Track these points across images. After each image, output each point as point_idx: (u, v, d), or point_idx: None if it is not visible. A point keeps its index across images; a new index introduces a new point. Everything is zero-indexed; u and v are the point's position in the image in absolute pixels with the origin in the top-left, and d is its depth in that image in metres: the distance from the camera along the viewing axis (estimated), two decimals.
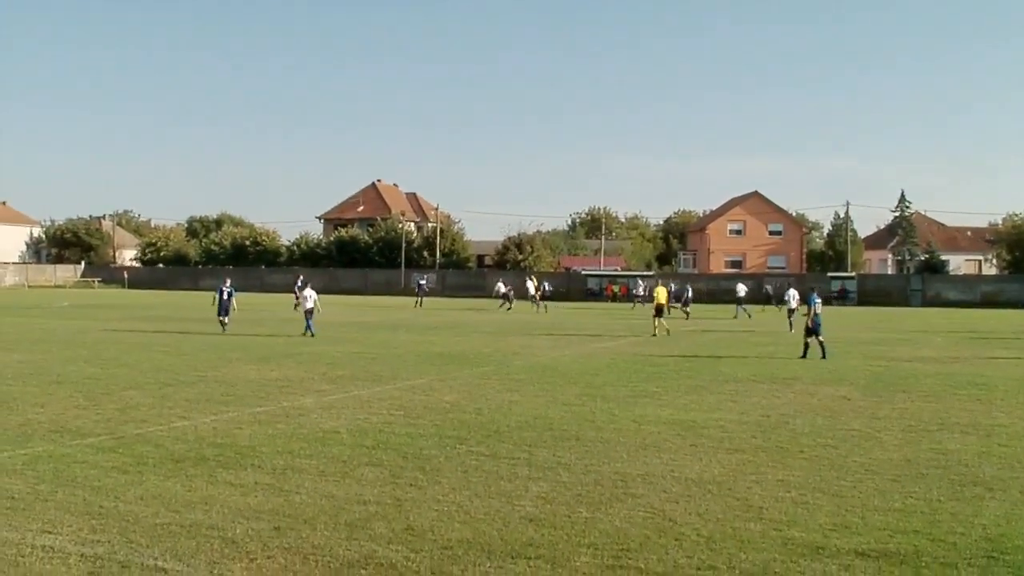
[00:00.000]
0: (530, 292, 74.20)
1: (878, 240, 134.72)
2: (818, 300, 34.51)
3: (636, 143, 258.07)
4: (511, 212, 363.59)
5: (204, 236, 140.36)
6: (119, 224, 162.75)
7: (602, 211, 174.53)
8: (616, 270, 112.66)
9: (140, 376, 25.16)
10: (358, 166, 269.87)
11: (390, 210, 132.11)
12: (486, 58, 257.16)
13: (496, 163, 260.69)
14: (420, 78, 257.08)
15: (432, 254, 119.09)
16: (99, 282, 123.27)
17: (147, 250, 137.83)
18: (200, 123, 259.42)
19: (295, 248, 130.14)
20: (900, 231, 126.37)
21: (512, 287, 75.81)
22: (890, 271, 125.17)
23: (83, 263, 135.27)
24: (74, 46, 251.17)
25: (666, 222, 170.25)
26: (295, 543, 10.14)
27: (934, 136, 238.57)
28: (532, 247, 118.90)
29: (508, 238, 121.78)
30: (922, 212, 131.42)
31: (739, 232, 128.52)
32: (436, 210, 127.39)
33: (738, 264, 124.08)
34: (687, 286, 68.29)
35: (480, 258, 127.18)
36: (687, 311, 61.96)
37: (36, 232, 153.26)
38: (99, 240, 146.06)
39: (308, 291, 42.89)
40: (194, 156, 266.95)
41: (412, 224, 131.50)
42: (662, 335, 43.69)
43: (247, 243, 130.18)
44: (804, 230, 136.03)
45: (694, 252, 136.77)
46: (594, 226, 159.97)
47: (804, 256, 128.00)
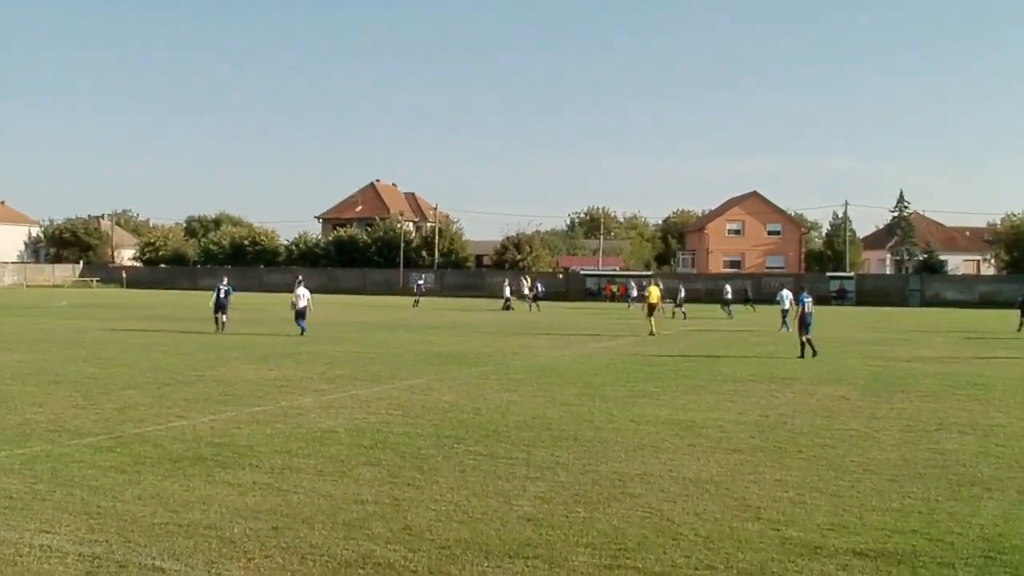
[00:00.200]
0: (523, 291, 74.22)
1: (877, 240, 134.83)
2: (808, 299, 34.57)
3: (635, 143, 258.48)
4: (510, 212, 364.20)
5: (203, 236, 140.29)
6: (118, 224, 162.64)
7: (601, 211, 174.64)
8: (615, 270, 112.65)
9: (139, 376, 25.16)
10: (357, 166, 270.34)
11: (389, 210, 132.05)
12: (485, 58, 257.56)
13: (495, 163, 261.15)
14: (419, 78, 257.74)
15: (431, 254, 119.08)
16: (97, 282, 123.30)
17: (146, 250, 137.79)
18: (199, 123, 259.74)
19: (294, 248, 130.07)
20: (899, 231, 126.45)
21: (516, 287, 75.85)
22: (888, 271, 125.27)
23: (81, 263, 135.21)
24: (73, 46, 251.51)
25: (665, 222, 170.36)
26: (293, 543, 10.14)
27: (933, 136, 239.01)
28: (531, 247, 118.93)
29: (507, 238, 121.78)
30: (921, 212, 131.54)
31: (738, 232, 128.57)
32: (435, 210, 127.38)
33: (737, 264, 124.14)
34: (680, 286, 68.31)
35: (479, 258, 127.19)
36: (683, 311, 62.02)
37: (35, 232, 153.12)
38: (98, 240, 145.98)
39: (301, 289, 42.92)
40: (193, 155, 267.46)
41: (411, 224, 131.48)
42: (650, 334, 43.72)
43: (246, 243, 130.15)
44: (803, 230, 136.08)
45: (693, 252, 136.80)
46: (593, 226, 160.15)
47: (803, 256, 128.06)
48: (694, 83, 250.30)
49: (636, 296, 76.41)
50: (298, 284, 45.06)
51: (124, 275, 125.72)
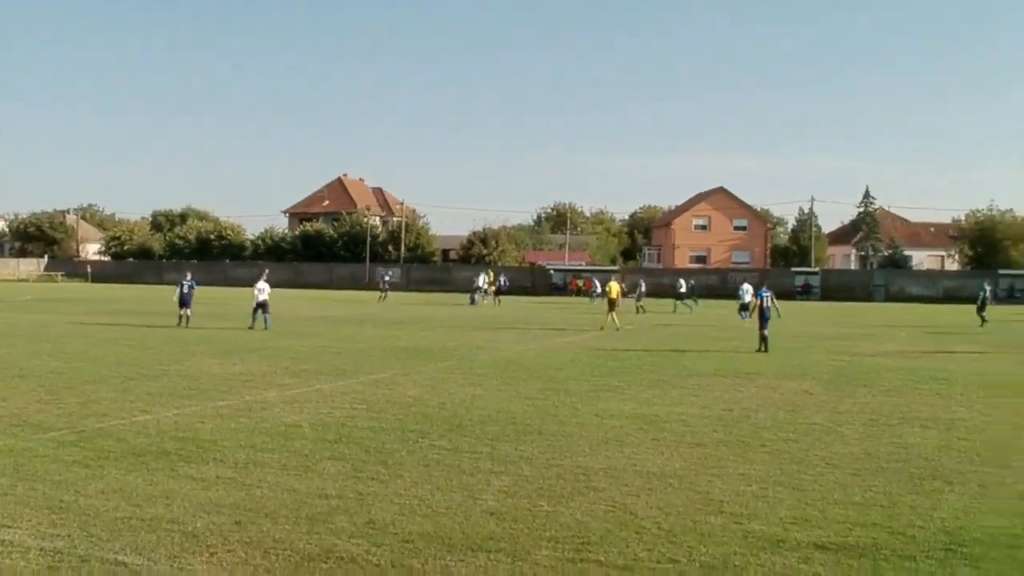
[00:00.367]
0: (480, 285, 74.09)
1: (842, 236, 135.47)
2: (768, 294, 34.78)
3: (602, 139, 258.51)
4: (477, 207, 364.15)
5: (168, 230, 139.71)
6: (83, 218, 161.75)
7: (567, 206, 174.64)
8: (581, 265, 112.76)
9: (103, 370, 25.01)
10: (324, 160, 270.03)
11: (355, 204, 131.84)
12: (453, 55, 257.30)
13: (462, 158, 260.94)
14: (387, 73, 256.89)
15: (397, 248, 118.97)
16: (62, 276, 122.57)
17: (111, 244, 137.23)
18: (165, 117, 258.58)
19: (260, 242, 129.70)
20: (864, 227, 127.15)
21: (491, 282, 75.80)
22: (853, 266, 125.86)
23: (47, 257, 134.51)
24: (39, 42, 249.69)
25: (631, 217, 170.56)
26: (256, 537, 10.12)
27: (899, 133, 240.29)
28: (497, 242, 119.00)
29: (473, 233, 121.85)
30: (886, 208, 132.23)
31: (704, 227, 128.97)
32: (402, 205, 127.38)
33: (703, 259, 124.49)
34: (640, 281, 68.53)
35: (445, 252, 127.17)
36: (641, 305, 62.17)
37: None
38: (63, 234, 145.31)
39: (261, 283, 42.88)
40: (159, 150, 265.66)
41: (377, 218, 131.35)
42: (611, 330, 43.81)
43: (212, 237, 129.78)
44: (768, 225, 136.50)
45: (659, 247, 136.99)
46: (559, 221, 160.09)
47: (768, 251, 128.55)
48: (660, 81, 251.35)
49: (602, 292, 76.57)
50: (263, 278, 44.94)
51: (89, 269, 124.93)
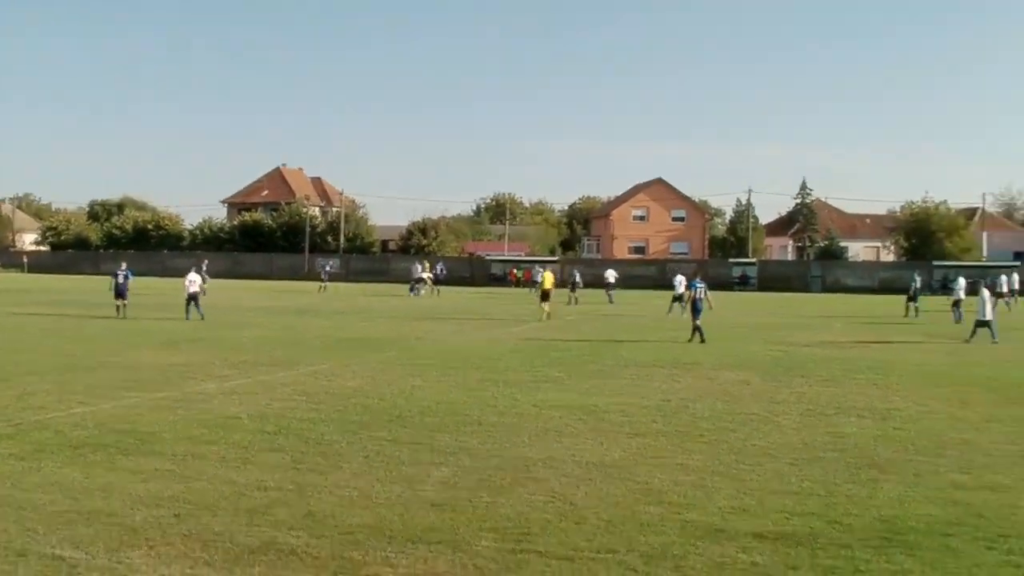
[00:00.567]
0: (421, 275, 73.90)
1: (779, 227, 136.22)
2: (701, 285, 35.10)
3: (541, 129, 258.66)
4: (416, 197, 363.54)
5: (106, 220, 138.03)
6: (19, 208, 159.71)
7: (507, 197, 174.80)
8: (520, 255, 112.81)
9: (39, 362, 24.72)
10: (263, 150, 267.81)
11: (295, 194, 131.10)
12: (390, 41, 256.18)
13: (402, 148, 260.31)
14: (326, 61, 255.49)
15: (336, 239, 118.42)
16: None
17: (48, 234, 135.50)
18: (102, 105, 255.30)
19: (198, 232, 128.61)
20: (801, 218, 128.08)
21: (428, 272, 75.60)
22: (791, 257, 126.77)
23: None
24: None
25: (571, 208, 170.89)
26: (195, 529, 10.07)
27: (836, 124, 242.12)
28: (436, 232, 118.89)
29: (413, 223, 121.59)
30: (822, 199, 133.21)
31: (642, 218, 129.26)
32: (341, 195, 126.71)
33: (641, 250, 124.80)
34: (575, 271, 68.71)
35: (385, 243, 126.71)
36: (576, 296, 62.29)
37: None
38: None
39: (192, 275, 42.72)
40: (96, 139, 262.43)
41: (316, 209, 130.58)
42: (544, 320, 43.95)
43: (149, 227, 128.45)
44: (707, 216, 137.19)
45: (598, 238, 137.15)
46: (499, 211, 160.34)
47: (707, 242, 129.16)
48: (597, 69, 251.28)
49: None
50: (193, 269, 44.71)
51: (25, 259, 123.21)
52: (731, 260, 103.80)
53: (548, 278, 47.31)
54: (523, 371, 24.37)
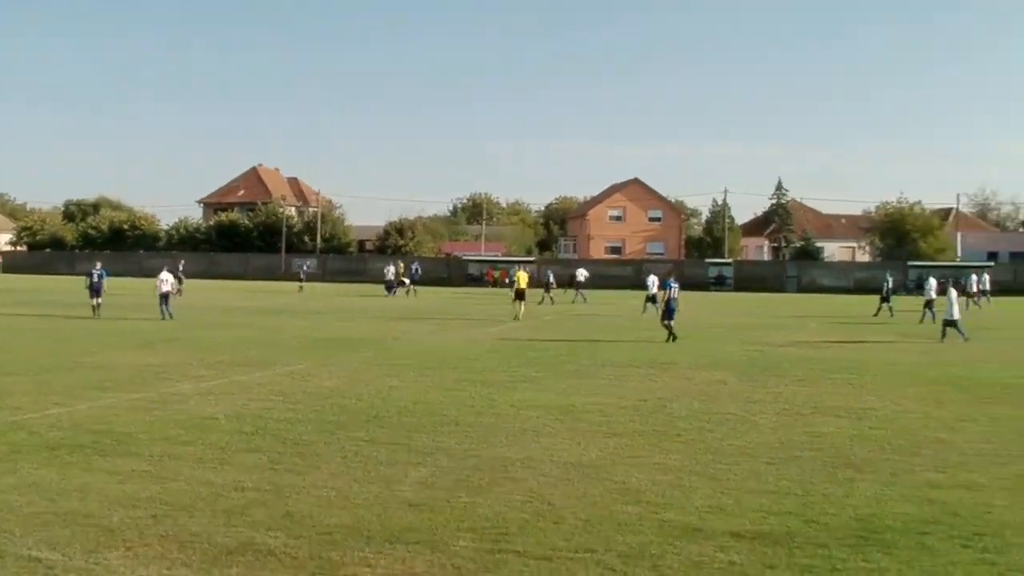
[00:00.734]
0: (392, 278, 73.88)
1: (755, 227, 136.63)
2: (674, 285, 35.29)
3: (518, 129, 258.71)
4: (393, 197, 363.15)
5: (81, 220, 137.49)
6: None
7: (483, 197, 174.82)
8: (497, 255, 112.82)
9: (15, 362, 24.57)
10: (239, 150, 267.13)
11: (271, 194, 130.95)
12: (366, 42, 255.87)
13: (378, 148, 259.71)
14: (302, 62, 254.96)
15: (313, 239, 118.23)
16: None
17: (23, 234, 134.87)
18: (77, 105, 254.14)
19: (174, 232, 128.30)
20: (776, 218, 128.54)
21: (403, 273, 75.59)
22: (766, 257, 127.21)
23: None
24: None
25: (547, 208, 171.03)
26: (173, 530, 10.03)
27: (811, 125, 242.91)
28: (413, 232, 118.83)
29: (390, 223, 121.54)
30: (798, 199, 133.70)
31: (619, 218, 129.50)
32: (317, 195, 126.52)
33: (618, 250, 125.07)
34: (548, 271, 68.70)
35: (362, 243, 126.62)
36: (550, 296, 62.38)
37: None
38: None
39: (164, 274, 42.76)
40: (71, 139, 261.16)
41: (293, 209, 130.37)
42: (521, 319, 44.14)
43: (125, 227, 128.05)
44: (683, 217, 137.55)
45: (575, 238, 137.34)
46: (475, 212, 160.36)
47: (683, 242, 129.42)
48: (574, 69, 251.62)
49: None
50: (165, 269, 44.59)
51: (0, 260, 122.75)
52: (707, 260, 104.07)
53: (522, 278, 47.40)
54: (500, 371, 24.37)
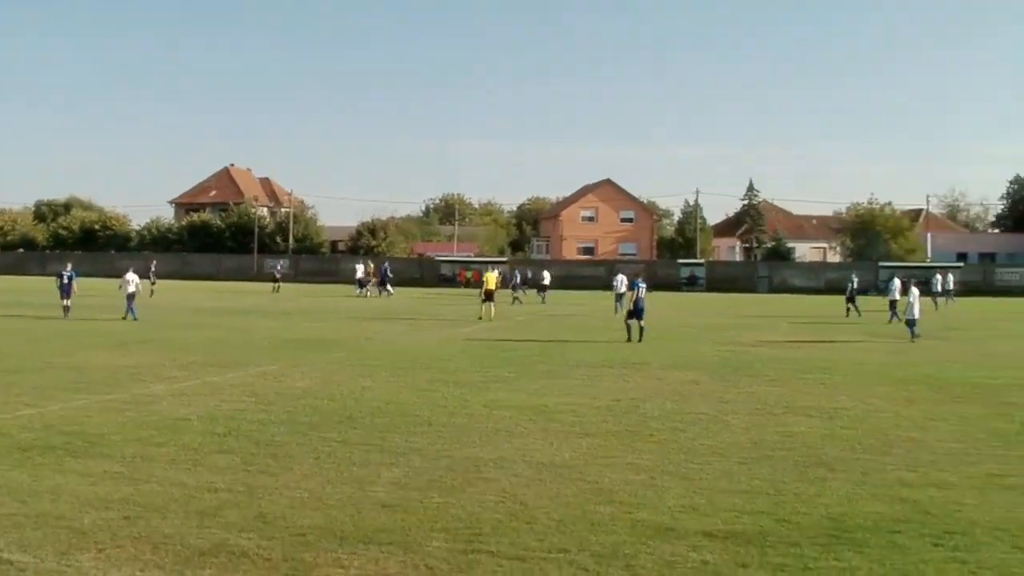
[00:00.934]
0: (358, 276, 73.80)
1: (727, 228, 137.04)
2: (642, 285, 35.60)
3: (490, 129, 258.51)
4: (365, 198, 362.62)
5: (52, 220, 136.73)
6: None
7: (456, 197, 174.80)
8: (470, 256, 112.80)
9: None
10: (211, 150, 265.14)
11: (243, 195, 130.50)
12: (338, 43, 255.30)
13: (350, 148, 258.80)
14: (274, 61, 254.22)
15: (286, 239, 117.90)
16: None
17: None
18: (46, 104, 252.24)
19: (146, 233, 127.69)
20: (748, 219, 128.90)
21: (373, 274, 75.62)
22: (738, 258, 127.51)
23: None
24: None
25: (520, 209, 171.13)
26: (145, 532, 10.00)
27: (783, 126, 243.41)
28: (386, 233, 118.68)
29: (362, 223, 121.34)
30: (770, 200, 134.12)
31: (591, 219, 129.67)
32: (290, 195, 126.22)
33: (590, 251, 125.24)
34: (516, 272, 68.72)
35: (334, 243, 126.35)
36: (518, 296, 62.49)
37: None
38: None
39: (130, 275, 42.68)
40: (42, 138, 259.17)
41: (265, 209, 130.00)
42: (492, 320, 44.39)
43: (97, 228, 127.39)
44: (655, 217, 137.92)
45: (547, 238, 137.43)
46: (448, 212, 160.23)
47: (655, 243, 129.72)
48: (546, 69, 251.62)
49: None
50: (131, 269, 44.43)
51: None
52: (679, 261, 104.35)
53: (491, 278, 47.52)
54: (473, 371, 24.38)
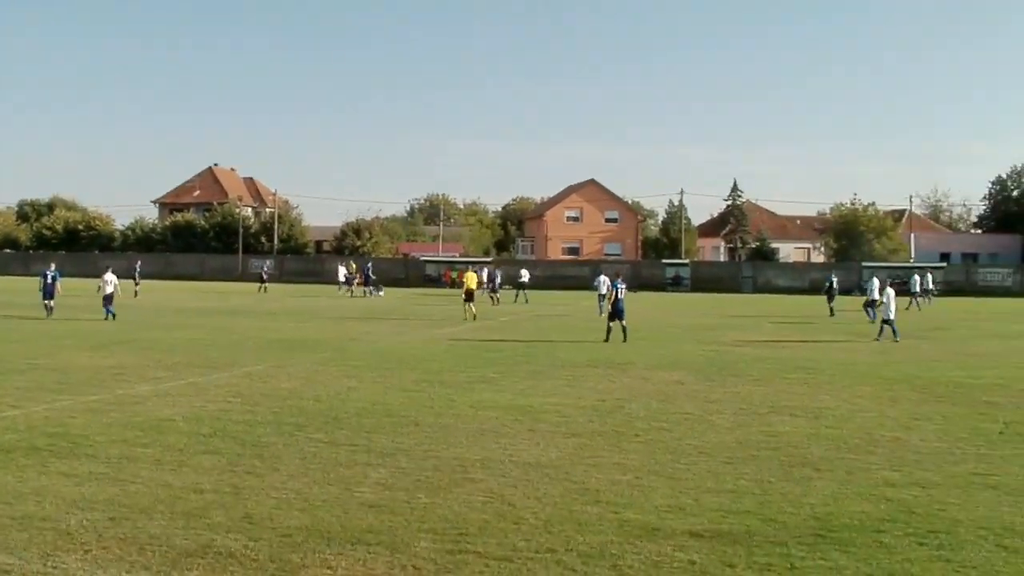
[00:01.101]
0: (339, 277, 73.79)
1: (711, 228, 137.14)
2: (622, 286, 35.80)
3: (474, 129, 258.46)
4: (350, 198, 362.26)
5: (35, 220, 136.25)
6: None
7: (441, 197, 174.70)
8: (455, 256, 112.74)
9: None
10: (195, 150, 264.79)
11: (227, 195, 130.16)
12: (324, 41, 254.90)
13: (335, 148, 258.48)
14: (258, 60, 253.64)
15: (270, 239, 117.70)
16: None
17: None
18: (30, 103, 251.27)
19: (130, 233, 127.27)
20: (732, 219, 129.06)
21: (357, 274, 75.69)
22: (723, 258, 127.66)
23: None
24: None
25: (504, 209, 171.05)
26: (131, 533, 9.99)
27: (767, 126, 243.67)
28: (371, 233, 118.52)
29: (347, 224, 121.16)
30: (754, 201, 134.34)
31: (576, 219, 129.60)
32: (274, 195, 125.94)
33: (575, 251, 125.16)
34: (496, 271, 68.62)
35: (319, 244, 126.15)
36: (497, 296, 62.51)
37: None
38: None
39: (109, 275, 42.59)
40: (25, 138, 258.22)
41: (249, 209, 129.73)
42: (466, 319, 44.57)
43: (80, 228, 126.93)
44: (640, 218, 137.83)
45: (532, 239, 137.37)
46: (433, 212, 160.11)
47: (640, 243, 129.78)
48: (530, 69, 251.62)
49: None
50: (109, 270, 44.32)
51: None
52: (664, 261, 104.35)
53: (471, 278, 47.76)
54: (459, 372, 24.39)
